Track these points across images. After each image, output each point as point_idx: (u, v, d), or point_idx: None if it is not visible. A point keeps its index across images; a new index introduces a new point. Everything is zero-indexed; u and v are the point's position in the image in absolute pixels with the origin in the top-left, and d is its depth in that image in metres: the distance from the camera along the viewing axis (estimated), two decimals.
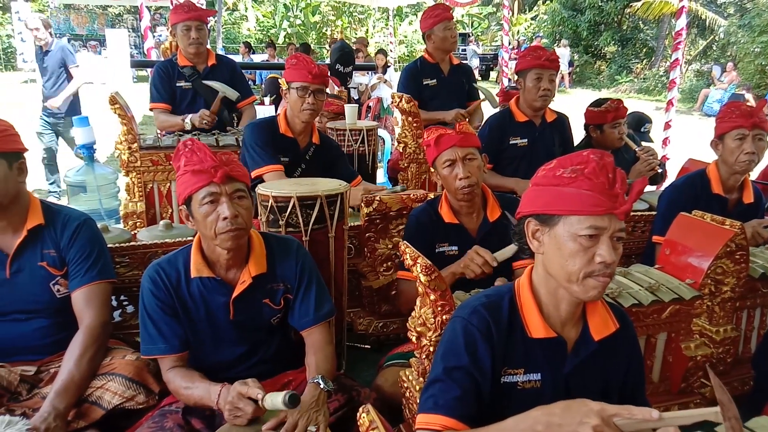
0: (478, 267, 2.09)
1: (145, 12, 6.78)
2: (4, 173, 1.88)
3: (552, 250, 1.32)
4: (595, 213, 1.25)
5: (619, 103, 3.39)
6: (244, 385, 1.63)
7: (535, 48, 3.19)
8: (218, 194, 1.74)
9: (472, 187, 2.23)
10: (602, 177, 1.25)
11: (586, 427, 1.13)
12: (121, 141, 3.23)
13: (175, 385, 1.81)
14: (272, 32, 24.11)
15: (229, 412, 1.63)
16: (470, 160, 2.24)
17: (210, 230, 1.74)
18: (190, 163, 1.74)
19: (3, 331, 2.02)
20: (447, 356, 1.38)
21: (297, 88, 2.78)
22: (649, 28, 22.03)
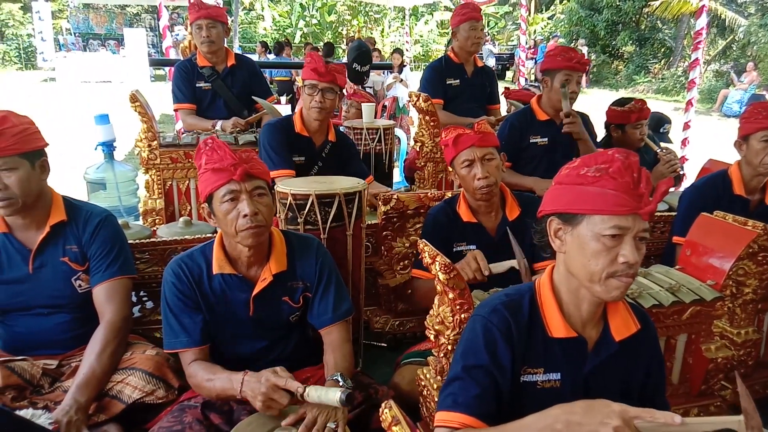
0: (470, 272, 2.07)
1: (164, 11, 6.83)
2: (27, 173, 1.90)
3: (574, 250, 1.31)
4: (620, 213, 1.24)
5: (643, 103, 3.35)
6: (277, 377, 1.63)
7: (567, 49, 3.13)
8: (238, 192, 1.75)
9: (491, 187, 2.22)
10: (627, 176, 1.24)
11: (607, 428, 1.13)
12: (141, 138, 3.26)
13: (197, 379, 1.82)
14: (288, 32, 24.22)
15: (263, 403, 1.63)
16: (489, 160, 2.23)
17: (231, 227, 1.76)
18: (211, 162, 1.76)
19: (26, 326, 2.05)
20: (466, 355, 1.38)
21: (306, 86, 2.82)
22: (668, 28, 21.79)
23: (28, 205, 1.94)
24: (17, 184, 1.88)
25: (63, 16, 25.01)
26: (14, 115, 1.90)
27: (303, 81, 2.84)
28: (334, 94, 2.82)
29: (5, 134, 1.84)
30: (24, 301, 2.02)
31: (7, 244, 1.99)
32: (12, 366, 1.93)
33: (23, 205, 1.92)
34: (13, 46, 24.40)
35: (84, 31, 24.54)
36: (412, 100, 3.49)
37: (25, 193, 1.90)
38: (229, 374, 1.77)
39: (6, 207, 1.89)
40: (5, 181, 1.86)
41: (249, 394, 1.66)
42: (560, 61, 3.04)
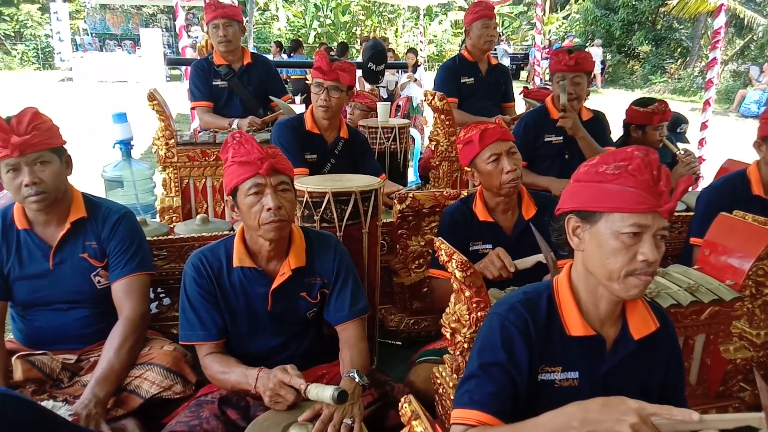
0: (496, 270, 2.07)
1: (180, 11, 6.88)
2: (58, 168, 1.96)
3: (593, 248, 1.30)
4: (639, 211, 1.23)
5: (666, 105, 3.33)
6: (285, 373, 1.67)
7: (557, 52, 3.21)
8: (263, 185, 1.77)
9: (517, 180, 2.22)
10: (647, 174, 1.23)
11: (623, 425, 1.12)
12: (159, 137, 3.29)
13: (212, 371, 1.85)
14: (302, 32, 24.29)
15: (270, 398, 1.68)
16: (514, 153, 2.23)
17: (254, 220, 1.78)
18: (238, 155, 1.78)
19: (46, 320, 2.08)
20: (483, 352, 1.37)
21: (313, 85, 2.85)
22: (684, 28, 21.59)
23: (56, 200, 1.98)
24: (51, 177, 1.92)
25: (80, 16, 25.28)
26: (39, 111, 1.95)
27: (312, 79, 2.86)
28: (340, 93, 2.82)
29: (40, 128, 1.89)
30: (44, 296, 2.05)
31: (28, 240, 2.02)
32: (32, 360, 1.96)
33: (54, 199, 1.96)
34: (31, 47, 24.73)
35: (101, 31, 24.77)
36: (428, 99, 3.49)
37: (55, 187, 1.95)
38: (244, 369, 1.80)
39: (40, 201, 1.92)
40: (40, 175, 1.90)
41: (261, 390, 1.71)
42: (553, 64, 3.18)
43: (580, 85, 3.13)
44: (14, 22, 24.72)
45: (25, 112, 1.90)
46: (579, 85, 3.12)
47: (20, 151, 1.85)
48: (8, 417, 1.01)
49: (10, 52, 24.34)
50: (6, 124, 1.84)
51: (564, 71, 3.09)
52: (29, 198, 1.91)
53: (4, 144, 1.84)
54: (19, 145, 1.84)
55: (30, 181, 1.88)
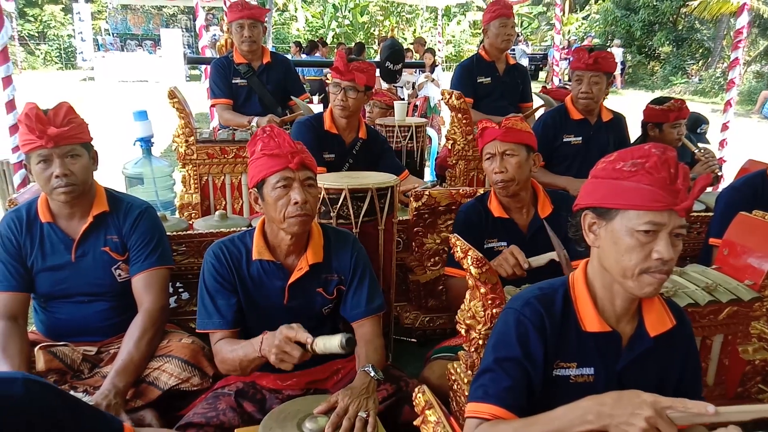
0: (509, 267, 2.07)
1: (200, 11, 6.95)
2: (87, 162, 2.01)
3: (608, 245, 1.30)
4: (655, 208, 1.22)
5: (683, 103, 3.30)
6: (291, 329, 1.63)
7: (578, 50, 3.21)
8: (292, 179, 1.79)
9: (506, 183, 2.22)
10: (664, 172, 1.22)
11: (638, 419, 1.12)
12: (179, 134, 3.33)
13: (222, 355, 1.84)
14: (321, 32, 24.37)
15: (276, 356, 1.63)
16: (509, 156, 2.22)
17: (279, 214, 1.80)
18: (267, 148, 1.80)
19: (67, 313, 2.12)
20: (498, 347, 1.38)
21: (331, 84, 2.88)
22: (706, 28, 21.32)
23: (82, 193, 2.02)
24: (81, 171, 1.97)
25: (102, 17, 25.63)
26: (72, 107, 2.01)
27: (331, 78, 2.89)
28: (356, 93, 2.83)
29: (74, 123, 1.95)
30: (66, 288, 2.08)
31: (51, 233, 2.06)
32: (54, 351, 1.99)
33: (81, 192, 2.00)
34: (54, 47, 25.14)
35: (122, 31, 25.10)
36: (445, 98, 3.49)
37: (84, 180, 1.99)
38: (251, 340, 1.78)
39: (68, 193, 1.96)
40: (71, 168, 1.95)
41: (266, 350, 1.67)
42: (573, 62, 3.21)
43: (598, 85, 3.11)
44: (38, 22, 25.13)
45: (61, 106, 1.95)
46: (597, 85, 3.10)
47: (55, 142, 1.90)
48: (31, 401, 1.04)
49: (33, 52, 24.76)
50: (44, 115, 1.90)
51: (582, 69, 3.08)
52: (58, 189, 1.95)
53: (41, 135, 1.89)
54: (54, 136, 1.89)
55: (61, 172, 1.93)
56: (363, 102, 2.92)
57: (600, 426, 1.18)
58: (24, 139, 1.92)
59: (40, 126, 1.89)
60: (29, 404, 1.03)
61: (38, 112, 1.90)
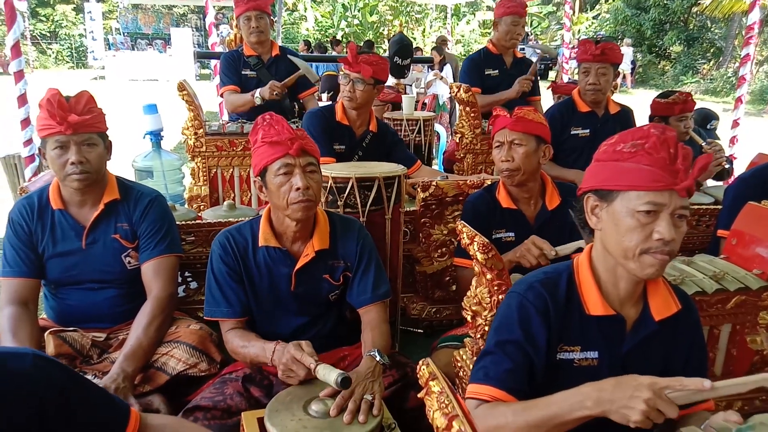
0: (533, 258, 2.06)
1: (210, 9, 6.99)
2: (102, 151, 2.04)
3: (609, 226, 1.30)
4: (654, 189, 1.22)
5: (688, 95, 3.29)
6: (298, 350, 1.68)
7: (584, 42, 3.21)
8: (293, 166, 1.80)
9: (512, 172, 2.22)
10: (663, 152, 1.22)
11: (637, 401, 1.13)
12: (188, 127, 3.36)
13: (232, 345, 1.88)
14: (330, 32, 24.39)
15: (282, 372, 1.70)
16: (517, 145, 2.22)
17: (282, 200, 1.81)
18: (268, 136, 1.82)
19: (77, 299, 2.14)
20: (500, 330, 1.38)
21: (341, 76, 2.89)
22: (718, 28, 21.17)
23: (93, 182, 2.05)
24: (96, 159, 2.01)
25: (113, 16, 25.80)
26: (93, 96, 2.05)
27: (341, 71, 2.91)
28: (365, 85, 2.84)
29: (93, 112, 2.00)
30: (76, 275, 2.11)
31: (62, 219, 2.08)
32: (64, 336, 2.01)
33: (94, 181, 2.03)
34: (65, 46, 25.32)
35: (132, 30, 25.24)
36: (453, 92, 3.49)
37: (97, 169, 2.03)
38: (263, 343, 1.81)
39: (81, 180, 1.99)
40: (86, 155, 1.98)
41: (276, 363, 1.72)
42: (579, 54, 3.20)
43: (605, 76, 3.11)
44: (50, 22, 25.33)
45: (83, 94, 2.00)
46: (604, 76, 3.10)
47: (74, 129, 1.94)
48: (40, 377, 1.05)
49: (45, 51, 24.96)
50: (65, 102, 1.93)
51: (589, 61, 3.08)
52: (72, 176, 1.98)
53: (61, 121, 1.92)
54: (74, 123, 1.93)
55: (77, 159, 1.96)
56: (372, 95, 2.92)
57: (599, 411, 1.19)
58: (43, 124, 1.95)
59: (61, 112, 1.92)
60: (37, 380, 1.04)
61: (60, 98, 1.93)
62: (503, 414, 1.27)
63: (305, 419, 1.55)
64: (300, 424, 1.52)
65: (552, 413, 1.23)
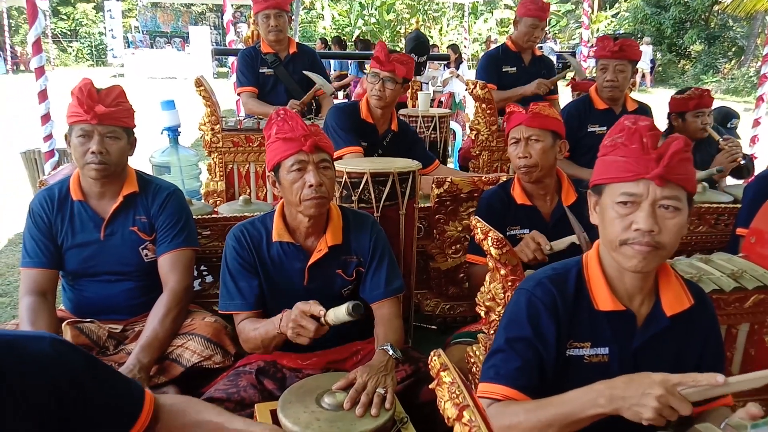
0: (530, 252, 2.06)
1: (228, 7, 7.05)
2: (124, 145, 2.07)
3: (600, 220, 1.33)
4: (627, 179, 1.23)
5: (703, 91, 3.25)
6: (305, 304, 1.67)
7: (602, 38, 3.20)
8: (306, 162, 1.81)
9: (530, 168, 2.21)
10: (635, 142, 1.23)
11: (649, 398, 1.12)
12: (205, 122, 3.39)
13: (245, 332, 1.88)
14: (347, 30, 24.43)
15: (293, 330, 1.67)
16: (534, 141, 2.21)
17: (295, 196, 1.82)
18: (281, 132, 1.82)
19: (94, 291, 2.17)
20: (509, 327, 1.38)
21: (370, 74, 2.89)
22: (740, 26, 20.87)
23: (115, 174, 2.08)
24: (116, 152, 2.04)
25: (132, 15, 26.09)
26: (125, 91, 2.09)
27: (369, 69, 2.91)
28: (395, 84, 2.85)
29: (121, 106, 2.04)
30: (93, 266, 2.13)
31: (81, 211, 2.11)
32: (81, 327, 2.04)
33: (112, 173, 2.06)
34: (85, 44, 25.66)
35: (151, 29, 25.53)
36: (469, 88, 3.48)
37: (117, 162, 2.05)
38: (271, 319, 1.81)
39: (99, 170, 2.02)
40: (107, 147, 2.01)
41: (284, 326, 1.70)
42: (596, 51, 3.19)
43: (623, 73, 3.09)
44: (71, 20, 25.68)
45: (115, 88, 2.04)
46: (622, 73, 3.08)
47: (99, 120, 1.97)
48: (58, 360, 1.07)
49: (66, 49, 25.31)
50: (95, 93, 1.97)
51: (608, 57, 3.06)
52: (90, 165, 2.01)
53: (88, 110, 1.96)
54: (100, 114, 1.96)
55: (97, 149, 1.99)
56: (399, 93, 2.93)
57: (611, 409, 1.18)
58: (72, 111, 1.99)
59: (90, 102, 1.96)
60: (55, 362, 1.06)
61: (91, 88, 1.97)
62: (515, 413, 1.26)
63: (318, 411, 1.55)
64: (313, 416, 1.52)
65: (565, 411, 1.22)
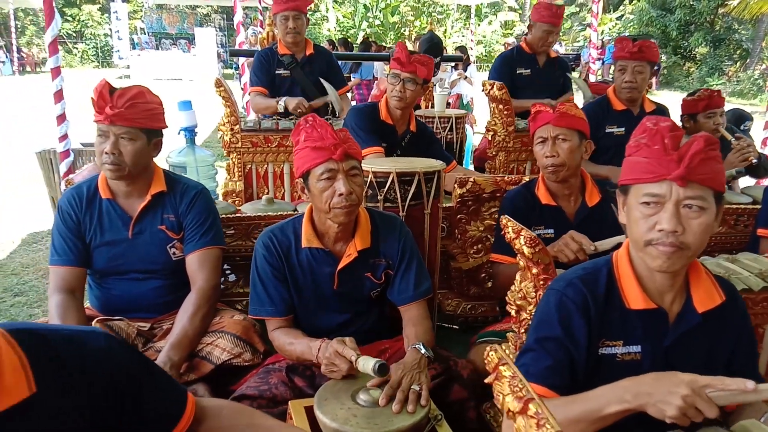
0: (571, 253, 2.05)
1: (239, 8, 7.07)
2: (142, 147, 2.05)
3: (627, 219, 1.34)
4: (649, 180, 1.25)
5: (713, 92, 3.26)
6: (341, 344, 1.71)
7: (621, 39, 3.20)
8: (336, 171, 1.81)
9: (557, 168, 2.21)
10: (657, 143, 1.24)
11: (675, 397, 1.12)
12: (224, 123, 3.40)
13: (279, 342, 1.92)
14: (351, 32, 24.47)
15: (326, 366, 1.73)
16: (562, 141, 2.21)
17: (325, 204, 1.82)
18: (311, 139, 1.82)
19: (122, 289, 2.18)
20: (540, 327, 1.39)
21: (390, 75, 2.90)
22: (745, 29, 20.85)
23: (134, 175, 2.08)
24: (131, 154, 2.02)
25: (137, 16, 26.15)
26: (149, 92, 2.08)
27: (389, 70, 2.91)
28: (415, 85, 2.86)
29: (137, 108, 2.01)
30: (121, 264, 2.15)
31: (110, 209, 2.12)
32: (110, 325, 2.06)
33: (128, 173, 2.05)
34: (91, 45, 25.72)
35: (157, 30, 25.59)
36: (486, 89, 3.49)
37: (134, 163, 2.04)
38: (309, 341, 1.85)
39: (113, 171, 2.02)
40: (121, 148, 2.01)
41: (320, 359, 1.76)
42: (616, 52, 3.17)
43: (642, 74, 3.10)
44: (76, 22, 25.73)
45: (131, 89, 2.02)
46: (641, 74, 3.09)
47: (110, 121, 1.98)
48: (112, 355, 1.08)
49: (71, 50, 25.36)
50: (108, 94, 1.97)
51: (626, 59, 3.07)
52: (105, 164, 2.02)
53: (100, 110, 1.97)
54: (110, 115, 1.96)
55: (110, 150, 1.99)
56: (419, 94, 2.94)
57: (637, 405, 1.18)
58: (94, 111, 2.01)
59: (101, 102, 1.97)
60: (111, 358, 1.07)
61: (105, 89, 1.98)
62: None
63: (354, 408, 1.57)
64: (350, 413, 1.54)
65: (592, 407, 1.23)
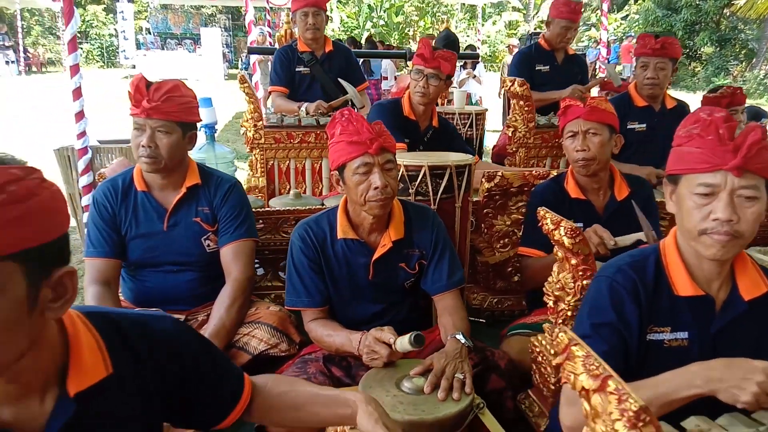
0: (593, 246, 2.05)
1: (250, 7, 7.08)
2: (177, 140, 2.07)
3: (678, 209, 1.35)
4: (705, 170, 1.25)
5: (735, 89, 3.28)
6: (379, 330, 1.76)
7: (643, 36, 3.21)
8: (371, 164, 1.83)
9: (588, 162, 2.22)
10: (712, 133, 1.25)
11: (749, 383, 1.13)
12: (248, 119, 3.42)
13: (316, 334, 1.94)
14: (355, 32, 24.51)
15: (367, 355, 1.76)
16: (593, 135, 2.22)
17: (360, 197, 1.85)
18: (346, 133, 1.84)
19: (156, 281, 2.20)
20: (593, 313, 1.40)
21: (413, 71, 2.91)
22: (750, 29, 20.84)
23: (169, 168, 2.10)
24: (167, 147, 2.04)
25: (143, 16, 26.20)
26: (184, 86, 2.09)
27: (412, 66, 2.93)
28: (439, 81, 2.87)
29: (173, 101, 2.03)
30: (156, 256, 2.16)
31: (145, 201, 2.15)
32: None
33: (165, 166, 2.07)
34: (95, 45, 25.76)
35: (162, 30, 25.64)
36: (506, 86, 3.51)
37: (170, 156, 2.06)
38: (348, 333, 1.88)
39: (149, 164, 2.05)
40: (157, 141, 2.03)
41: (361, 350, 1.80)
42: (638, 48, 3.19)
43: (664, 70, 3.11)
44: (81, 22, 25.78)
45: (167, 83, 2.04)
46: (663, 71, 3.10)
47: (147, 114, 2.00)
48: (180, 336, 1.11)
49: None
50: (145, 88, 1.99)
51: (648, 55, 3.08)
52: (141, 158, 2.05)
53: (137, 104, 1.99)
54: (147, 109, 1.99)
55: (146, 143, 2.02)
56: (442, 90, 2.95)
57: (707, 390, 1.19)
58: (131, 104, 2.03)
59: (138, 96, 2.00)
60: (178, 341, 1.10)
61: (140, 83, 2.00)
62: None
63: (400, 395, 1.58)
64: (396, 400, 1.55)
65: (660, 393, 1.23)
